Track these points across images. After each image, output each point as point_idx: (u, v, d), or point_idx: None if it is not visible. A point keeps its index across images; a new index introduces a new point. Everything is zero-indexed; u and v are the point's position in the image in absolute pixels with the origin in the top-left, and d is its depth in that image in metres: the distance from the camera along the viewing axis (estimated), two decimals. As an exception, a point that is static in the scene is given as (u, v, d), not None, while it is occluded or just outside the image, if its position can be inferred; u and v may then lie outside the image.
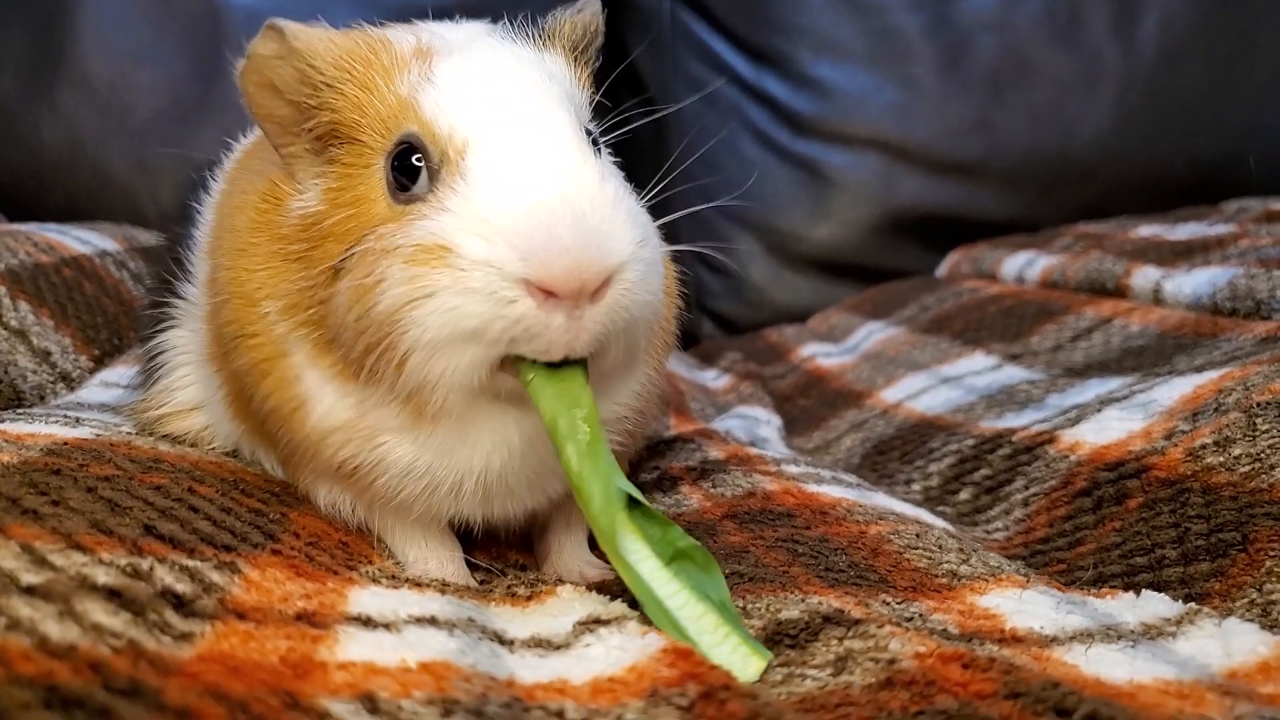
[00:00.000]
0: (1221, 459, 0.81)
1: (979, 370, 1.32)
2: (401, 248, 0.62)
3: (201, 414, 0.86)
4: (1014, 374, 1.27)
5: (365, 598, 0.57)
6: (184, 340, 0.87)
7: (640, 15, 2.12)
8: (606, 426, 0.66)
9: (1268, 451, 0.79)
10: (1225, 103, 2.00)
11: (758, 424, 1.28)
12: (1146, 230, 1.68)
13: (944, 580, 0.70)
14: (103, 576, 0.49)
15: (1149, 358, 1.19)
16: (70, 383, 1.15)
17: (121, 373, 1.15)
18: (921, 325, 1.57)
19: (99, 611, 0.47)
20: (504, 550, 0.81)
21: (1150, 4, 1.98)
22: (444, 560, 0.75)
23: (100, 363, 1.21)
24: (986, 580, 0.69)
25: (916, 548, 0.76)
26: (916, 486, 1.09)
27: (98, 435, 0.77)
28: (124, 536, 0.55)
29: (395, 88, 0.67)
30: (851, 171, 2.06)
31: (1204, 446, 0.83)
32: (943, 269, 1.92)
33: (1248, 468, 0.79)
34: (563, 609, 0.60)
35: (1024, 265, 1.63)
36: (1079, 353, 1.28)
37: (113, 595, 0.48)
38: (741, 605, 0.61)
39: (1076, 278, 1.48)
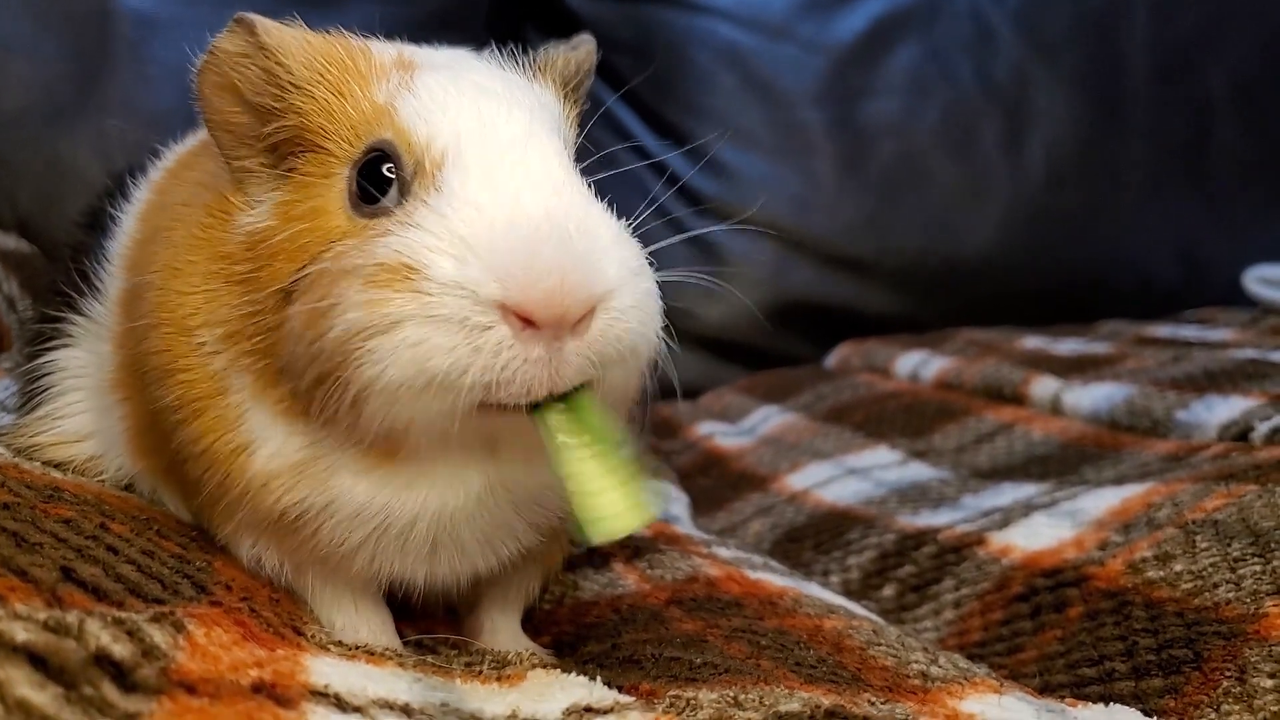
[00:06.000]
0: (1162, 574, 0.82)
1: (885, 464, 1.32)
2: (362, 266, 0.55)
3: (90, 444, 0.76)
4: (921, 471, 1.27)
5: (324, 668, 0.50)
6: (78, 362, 0.77)
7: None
8: None
9: (1209, 570, 0.79)
10: (1097, 227, 2.11)
11: (668, 500, 1.23)
12: (1031, 342, 1.73)
13: (917, 681, 0.67)
14: (22, 633, 0.40)
15: (1054, 465, 1.21)
16: (-88, 394, 1.00)
17: (-23, 387, 1.02)
18: (820, 414, 1.57)
19: (23, 683, 0.38)
20: (432, 625, 0.74)
21: (1036, 128, 2.08)
22: (375, 629, 0.68)
23: (-52, 374, 1.07)
24: (961, 684, 0.67)
25: (879, 645, 0.73)
26: (835, 579, 1.06)
27: (-23, 456, 0.67)
28: (40, 581, 0.46)
29: (371, 94, 0.61)
30: (747, 256, 2.06)
31: (1144, 560, 0.84)
32: (832, 360, 1.93)
33: (1190, 584, 0.79)
34: (543, 693, 0.54)
35: (918, 364, 1.66)
36: (983, 455, 1.30)
37: (37, 662, 0.39)
38: (731, 695, 0.56)
39: (973, 381, 1.51)
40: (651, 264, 0.61)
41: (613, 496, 0.53)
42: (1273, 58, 2.23)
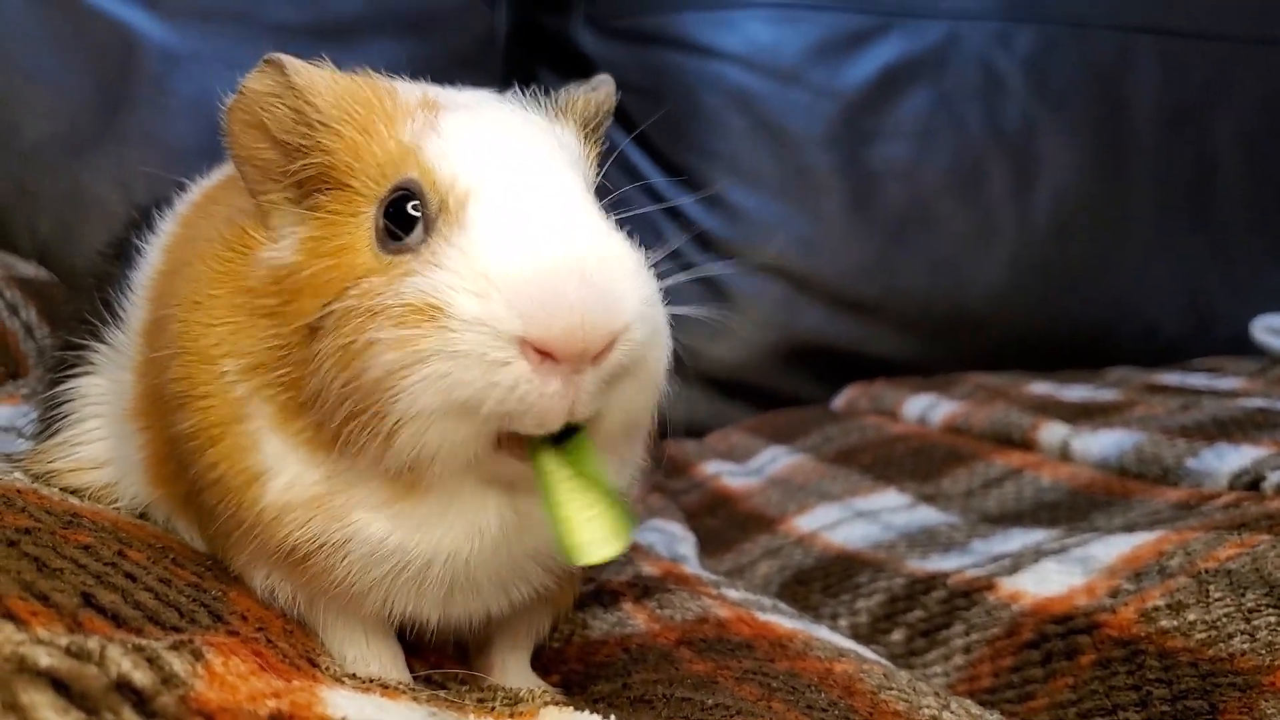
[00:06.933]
0: (1175, 623, 0.81)
1: (894, 508, 1.32)
2: (391, 307, 0.56)
3: (106, 471, 0.77)
4: (930, 515, 1.27)
5: (340, 700, 0.49)
6: (99, 390, 0.77)
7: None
8: None
9: (1223, 620, 0.79)
10: (1104, 275, 2.11)
11: (675, 540, 1.23)
12: (1039, 388, 1.73)
13: (930, 728, 0.67)
14: (45, 658, 0.40)
15: (1064, 512, 1.21)
16: (-72, 418, 1.01)
17: (-6, 412, 1.02)
18: (828, 456, 1.56)
19: (46, 708, 0.38)
20: (441, 660, 0.74)
21: (1044, 174, 2.09)
22: (386, 664, 0.68)
23: (-37, 399, 1.08)
24: (975, 732, 0.66)
25: (890, 689, 0.72)
26: (844, 622, 1.06)
27: (-4, 480, 0.67)
28: (61, 606, 0.46)
29: (397, 134, 0.62)
30: (755, 296, 2.07)
31: (1156, 609, 0.83)
32: (839, 401, 1.93)
33: (1204, 635, 0.79)
34: (556, 733, 0.54)
35: (926, 408, 1.66)
36: (992, 500, 1.30)
37: (59, 687, 0.39)
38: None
39: (981, 426, 1.51)
40: (665, 300, 0.62)
41: (595, 524, 0.55)
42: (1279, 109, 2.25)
